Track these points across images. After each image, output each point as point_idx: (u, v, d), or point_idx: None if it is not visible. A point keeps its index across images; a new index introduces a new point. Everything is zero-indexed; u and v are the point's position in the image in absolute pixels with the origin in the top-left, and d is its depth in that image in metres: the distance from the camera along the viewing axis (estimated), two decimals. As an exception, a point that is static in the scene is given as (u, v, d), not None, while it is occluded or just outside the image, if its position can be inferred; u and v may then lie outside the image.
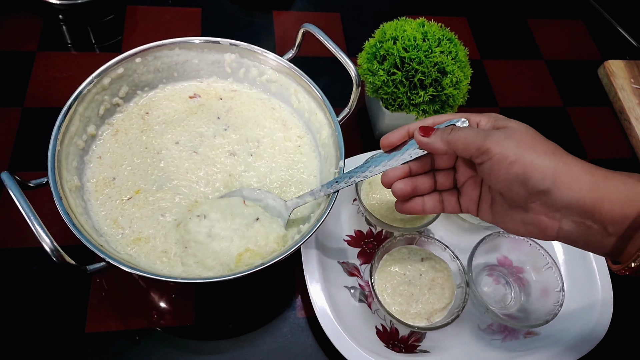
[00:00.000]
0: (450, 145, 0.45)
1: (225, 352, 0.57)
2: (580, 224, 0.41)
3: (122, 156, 0.61)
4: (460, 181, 0.50)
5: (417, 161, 0.50)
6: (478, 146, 0.43)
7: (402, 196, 0.49)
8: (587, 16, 1.03)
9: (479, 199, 0.49)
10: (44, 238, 0.43)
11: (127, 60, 0.61)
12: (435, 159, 0.50)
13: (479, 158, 0.43)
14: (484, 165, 0.43)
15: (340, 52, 0.60)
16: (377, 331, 0.60)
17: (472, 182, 0.49)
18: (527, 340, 0.61)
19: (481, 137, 0.43)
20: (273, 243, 0.54)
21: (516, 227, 0.45)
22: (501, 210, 0.46)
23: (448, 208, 0.50)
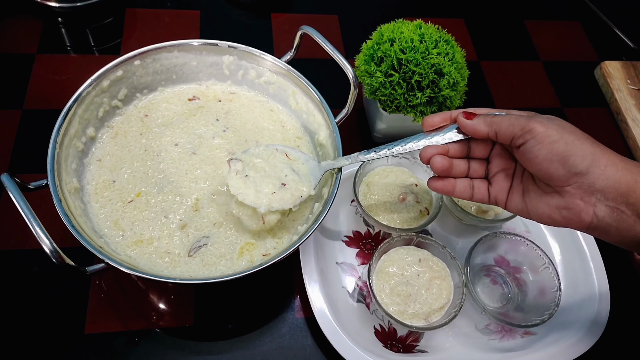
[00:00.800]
0: (493, 126, 0.47)
1: (225, 352, 0.58)
2: (614, 209, 0.43)
3: (122, 159, 0.61)
4: (493, 172, 0.51)
5: (455, 145, 0.51)
6: (522, 126, 0.45)
7: (440, 170, 0.50)
8: (584, 18, 1.03)
9: (509, 190, 0.50)
10: (43, 239, 0.44)
11: (126, 63, 0.61)
12: (471, 147, 0.52)
13: (521, 138, 0.45)
14: (526, 145, 0.45)
15: (338, 54, 0.60)
16: (375, 331, 0.60)
17: (504, 174, 0.51)
18: (524, 340, 0.61)
19: (525, 119, 0.45)
20: (297, 199, 0.55)
21: (550, 214, 0.46)
22: (534, 198, 0.47)
23: (477, 195, 0.51)
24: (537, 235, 0.69)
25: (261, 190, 0.54)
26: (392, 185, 0.66)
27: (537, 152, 0.44)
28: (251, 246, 0.57)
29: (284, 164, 0.57)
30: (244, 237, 0.57)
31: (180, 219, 0.58)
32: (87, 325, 0.57)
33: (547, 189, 0.46)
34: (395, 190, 0.66)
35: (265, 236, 0.58)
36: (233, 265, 0.56)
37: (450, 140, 0.51)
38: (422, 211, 0.65)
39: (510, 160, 0.50)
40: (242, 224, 0.58)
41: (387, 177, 0.67)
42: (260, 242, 0.57)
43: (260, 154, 0.57)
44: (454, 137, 0.51)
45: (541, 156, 0.44)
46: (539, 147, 0.44)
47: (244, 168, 0.56)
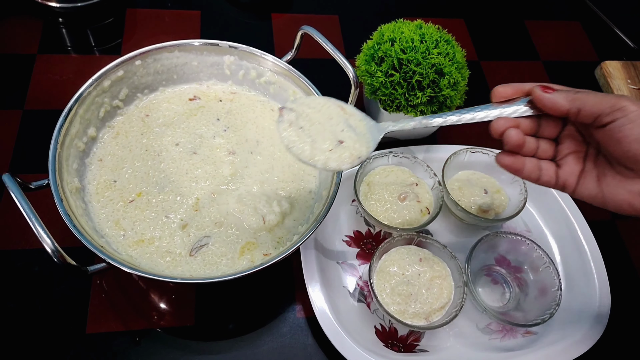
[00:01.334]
0: (576, 102, 0.43)
1: (225, 352, 0.58)
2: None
3: (123, 159, 0.61)
4: (563, 153, 0.48)
5: (524, 121, 0.47)
6: (612, 103, 0.42)
7: (515, 144, 0.46)
8: (584, 17, 1.03)
9: (579, 174, 0.47)
10: (45, 239, 0.44)
11: (127, 63, 0.61)
12: (542, 126, 0.48)
13: (610, 115, 0.42)
14: (615, 123, 0.42)
15: (339, 53, 0.60)
16: (376, 331, 0.60)
17: (574, 156, 0.47)
18: (525, 340, 0.61)
19: (613, 96, 0.42)
20: (356, 159, 0.48)
21: (630, 200, 0.43)
22: (613, 183, 0.44)
23: (545, 177, 0.47)
24: (538, 235, 0.69)
25: (317, 146, 0.47)
26: (392, 184, 0.66)
27: (627, 131, 0.41)
28: (252, 246, 0.57)
29: (340, 118, 0.49)
30: (244, 237, 0.57)
31: (181, 218, 0.58)
32: (89, 325, 0.57)
33: (629, 173, 0.43)
34: (395, 190, 0.66)
35: (266, 236, 0.58)
36: (234, 264, 0.56)
37: (522, 114, 0.47)
38: (423, 210, 0.65)
39: (583, 143, 0.47)
40: (242, 224, 0.58)
41: (387, 176, 0.67)
42: (261, 242, 0.57)
43: (312, 103, 0.50)
44: (526, 111, 0.47)
45: (632, 136, 0.41)
46: (630, 127, 0.41)
47: (297, 119, 0.48)
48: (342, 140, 0.48)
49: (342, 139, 0.48)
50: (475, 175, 0.71)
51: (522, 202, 0.66)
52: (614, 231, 0.75)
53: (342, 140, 0.48)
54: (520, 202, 0.66)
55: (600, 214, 0.75)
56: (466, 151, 0.69)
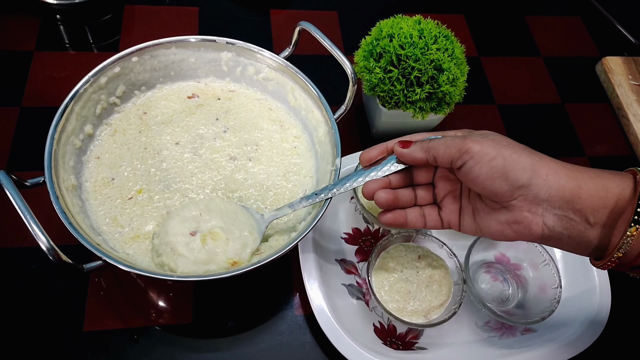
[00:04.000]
0: (430, 152, 0.47)
1: (224, 350, 0.58)
2: (563, 217, 0.43)
3: (121, 157, 0.61)
4: (440, 195, 0.51)
5: (397, 175, 0.51)
6: (458, 147, 0.44)
7: (385, 204, 0.50)
8: (585, 13, 1.03)
9: (459, 212, 0.50)
10: (40, 237, 0.44)
11: (124, 59, 0.61)
12: (414, 174, 0.52)
13: (460, 160, 0.45)
14: (465, 165, 0.44)
15: (337, 49, 0.60)
16: (374, 328, 0.60)
17: (451, 196, 0.50)
18: (524, 337, 0.61)
19: (460, 140, 0.45)
20: (238, 249, 0.53)
21: (502, 230, 0.46)
22: (484, 217, 0.47)
23: (430, 222, 0.51)
24: (538, 232, 0.69)
25: None
26: (391, 181, 0.66)
27: (477, 171, 0.44)
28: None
29: None
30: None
31: None
32: (86, 323, 0.57)
33: (495, 205, 0.45)
34: (394, 187, 0.65)
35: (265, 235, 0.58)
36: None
37: (390, 171, 0.50)
38: (422, 208, 0.65)
39: (455, 181, 0.50)
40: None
41: (386, 173, 0.67)
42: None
43: None
44: (393, 168, 0.50)
45: (482, 175, 0.44)
46: (479, 167, 0.44)
47: None
48: None
49: None
50: None
51: (521, 199, 0.65)
52: (614, 228, 0.74)
53: None
54: (519, 199, 0.66)
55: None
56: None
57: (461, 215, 0.50)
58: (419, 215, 0.51)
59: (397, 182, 0.51)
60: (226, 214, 0.56)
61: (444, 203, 0.51)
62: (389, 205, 0.50)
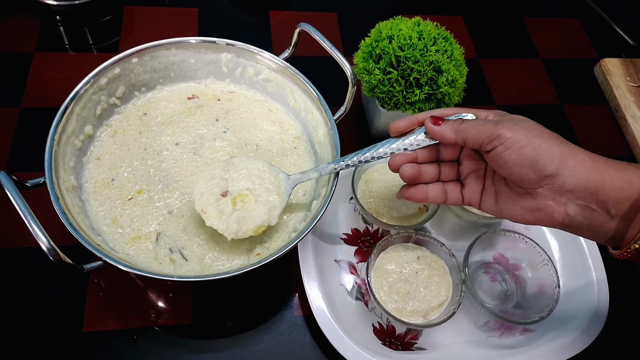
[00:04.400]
0: (460, 134, 0.47)
1: (223, 350, 0.58)
2: (585, 207, 0.44)
3: (121, 157, 0.61)
4: (464, 173, 0.51)
5: (424, 150, 0.51)
6: (490, 132, 0.45)
7: (409, 179, 0.50)
8: (584, 14, 1.03)
9: (481, 192, 0.50)
10: (40, 237, 0.44)
11: (124, 61, 0.61)
12: (440, 151, 0.52)
13: (490, 144, 0.45)
14: (495, 150, 0.45)
15: (336, 51, 0.60)
16: (373, 329, 0.60)
17: (475, 175, 0.51)
18: (523, 337, 0.61)
19: (492, 125, 0.45)
20: (265, 215, 0.53)
21: (523, 215, 0.47)
22: (507, 200, 0.48)
23: (451, 199, 0.52)
24: (536, 233, 0.69)
25: None
26: (390, 182, 0.66)
27: (506, 157, 0.44)
28: (250, 244, 0.57)
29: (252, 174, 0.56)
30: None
31: (187, 214, 0.58)
32: (86, 323, 0.57)
33: (519, 190, 0.46)
34: (394, 188, 0.66)
35: (264, 235, 0.58)
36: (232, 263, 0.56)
37: (419, 146, 0.51)
38: (421, 208, 0.65)
39: (481, 161, 0.50)
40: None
41: (385, 174, 0.67)
42: (259, 240, 0.57)
43: None
44: (422, 142, 0.50)
45: (511, 161, 0.44)
46: (508, 153, 0.44)
47: None
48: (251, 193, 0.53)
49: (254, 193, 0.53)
50: None
51: (520, 200, 0.66)
52: (612, 229, 0.74)
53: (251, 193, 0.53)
54: (518, 200, 0.66)
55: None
56: (464, 149, 0.69)
57: (483, 195, 0.50)
58: (441, 192, 0.51)
59: (423, 156, 0.51)
60: (253, 172, 0.55)
61: (467, 181, 0.51)
62: (412, 180, 0.50)
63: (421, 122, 0.51)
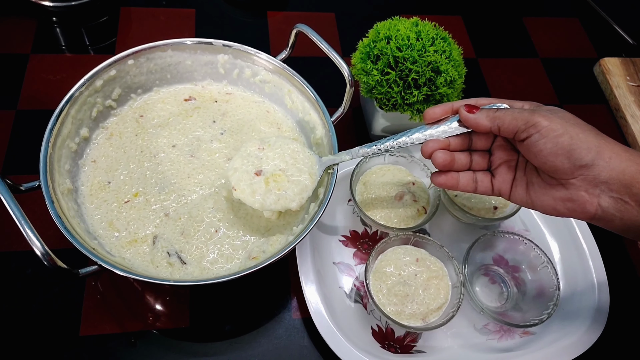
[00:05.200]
0: (496, 121, 0.47)
1: (221, 354, 0.57)
2: (618, 200, 0.43)
3: (117, 160, 0.61)
4: (495, 163, 0.51)
5: (456, 138, 0.51)
6: (526, 120, 0.45)
7: (442, 165, 0.50)
8: (583, 14, 1.03)
9: (512, 182, 0.50)
10: (34, 242, 0.43)
11: (120, 62, 0.61)
12: (473, 140, 0.52)
13: (525, 132, 0.45)
14: (530, 139, 0.45)
15: (333, 52, 0.59)
16: (372, 332, 0.60)
17: (506, 166, 0.51)
18: (523, 340, 0.61)
19: (528, 113, 0.45)
20: (297, 196, 0.54)
21: (554, 206, 0.46)
22: (539, 190, 0.48)
23: (481, 188, 0.51)
24: (536, 234, 0.69)
25: None
26: (389, 183, 0.66)
27: (541, 146, 0.44)
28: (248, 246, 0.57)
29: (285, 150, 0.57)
30: (242, 239, 0.57)
31: (180, 217, 0.57)
32: (82, 327, 0.57)
33: (552, 181, 0.46)
34: (392, 189, 0.65)
35: (262, 237, 0.57)
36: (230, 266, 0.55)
37: (452, 133, 0.51)
38: (420, 210, 0.64)
39: (513, 152, 0.50)
40: (241, 227, 0.58)
41: (384, 175, 0.67)
42: (257, 243, 0.57)
43: None
44: (455, 130, 0.50)
45: (546, 150, 0.44)
46: (543, 141, 0.44)
47: None
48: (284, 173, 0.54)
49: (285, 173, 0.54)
50: None
51: (519, 201, 0.65)
52: (613, 229, 0.74)
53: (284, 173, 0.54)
54: (518, 201, 0.66)
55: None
56: (463, 150, 0.69)
57: (513, 186, 0.50)
58: (471, 180, 0.51)
59: (455, 145, 0.51)
60: (287, 152, 0.56)
61: (498, 171, 0.51)
62: (445, 166, 0.50)
63: (456, 110, 0.51)
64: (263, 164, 0.55)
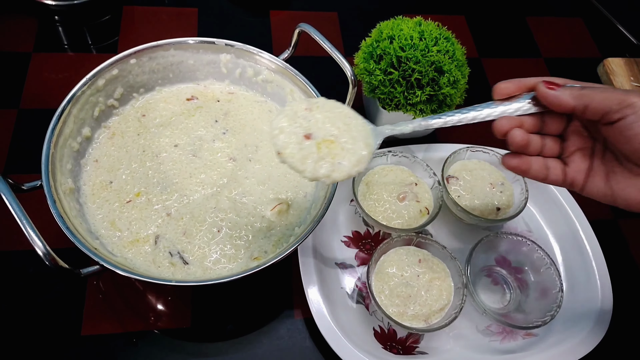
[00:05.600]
0: (583, 99, 0.42)
1: (222, 354, 0.57)
2: None
3: (119, 160, 0.60)
4: (569, 151, 0.46)
5: (528, 118, 0.46)
6: (620, 99, 0.40)
7: (519, 146, 0.45)
8: (587, 14, 1.02)
9: (588, 172, 0.46)
10: (36, 242, 0.43)
11: (122, 62, 0.61)
12: (545, 122, 0.47)
13: (618, 113, 0.40)
14: (624, 120, 0.40)
15: (336, 51, 0.59)
16: (374, 333, 0.59)
17: (581, 153, 0.46)
18: (525, 342, 0.60)
19: (622, 92, 0.41)
20: (354, 167, 0.45)
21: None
22: (622, 181, 0.43)
23: (552, 176, 0.46)
24: (539, 236, 0.69)
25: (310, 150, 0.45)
26: (391, 184, 0.65)
27: (638, 129, 0.40)
28: (251, 247, 0.56)
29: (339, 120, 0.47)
30: (244, 239, 0.57)
31: (182, 217, 0.57)
32: (84, 327, 0.56)
33: (639, 170, 0.42)
34: (394, 190, 0.65)
35: (264, 237, 0.57)
36: (232, 266, 0.55)
37: (526, 112, 0.45)
38: (422, 211, 0.64)
39: (589, 139, 0.46)
40: (242, 227, 0.57)
41: (386, 176, 0.66)
42: (259, 244, 0.57)
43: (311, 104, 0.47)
44: (529, 108, 0.45)
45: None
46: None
47: (294, 119, 0.46)
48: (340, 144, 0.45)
49: (340, 144, 0.45)
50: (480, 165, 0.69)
51: (523, 202, 0.65)
52: (616, 230, 0.74)
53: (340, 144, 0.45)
54: (521, 202, 0.65)
55: (602, 213, 0.75)
56: (466, 150, 0.69)
57: (589, 176, 0.45)
58: (543, 167, 0.46)
59: (527, 126, 0.46)
60: (338, 116, 0.47)
61: (571, 159, 0.46)
62: (521, 147, 0.45)
63: (530, 87, 0.46)
64: (312, 126, 0.45)
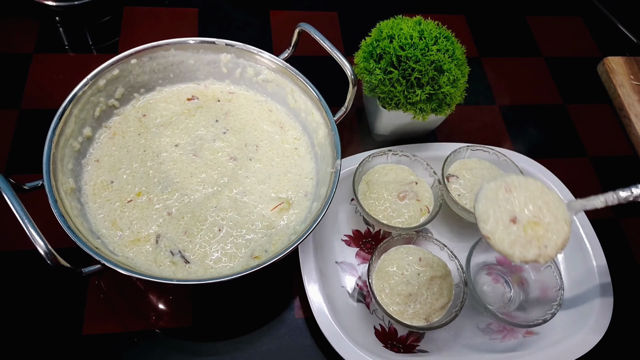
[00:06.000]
0: None
1: (223, 353, 0.57)
2: None
3: (120, 159, 0.61)
4: None
5: None
6: None
7: None
8: (586, 13, 1.02)
9: None
10: (37, 241, 0.43)
11: (122, 62, 0.61)
12: None
13: None
14: None
15: (336, 51, 0.59)
16: (375, 331, 0.60)
17: None
18: (526, 340, 0.60)
19: None
20: (559, 248, 0.49)
21: None
22: None
23: None
24: (539, 234, 0.69)
25: None
26: (391, 183, 0.66)
27: None
28: (251, 246, 0.56)
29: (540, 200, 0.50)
30: (245, 238, 0.57)
31: (183, 216, 0.57)
32: (85, 326, 0.57)
33: None
34: (395, 189, 0.65)
35: (265, 236, 0.57)
36: (232, 265, 0.55)
37: None
38: (422, 209, 0.64)
39: None
40: (243, 226, 0.58)
41: (386, 175, 0.67)
42: (260, 243, 0.57)
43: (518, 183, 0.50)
44: None
45: None
46: None
47: None
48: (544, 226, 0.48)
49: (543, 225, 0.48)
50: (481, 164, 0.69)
51: (523, 201, 0.65)
52: (617, 229, 0.74)
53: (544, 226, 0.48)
54: (521, 201, 0.65)
55: (603, 212, 0.75)
56: (467, 149, 0.69)
57: None
58: None
59: None
60: (535, 194, 0.49)
61: None
62: None
63: None
64: (515, 208, 0.48)
